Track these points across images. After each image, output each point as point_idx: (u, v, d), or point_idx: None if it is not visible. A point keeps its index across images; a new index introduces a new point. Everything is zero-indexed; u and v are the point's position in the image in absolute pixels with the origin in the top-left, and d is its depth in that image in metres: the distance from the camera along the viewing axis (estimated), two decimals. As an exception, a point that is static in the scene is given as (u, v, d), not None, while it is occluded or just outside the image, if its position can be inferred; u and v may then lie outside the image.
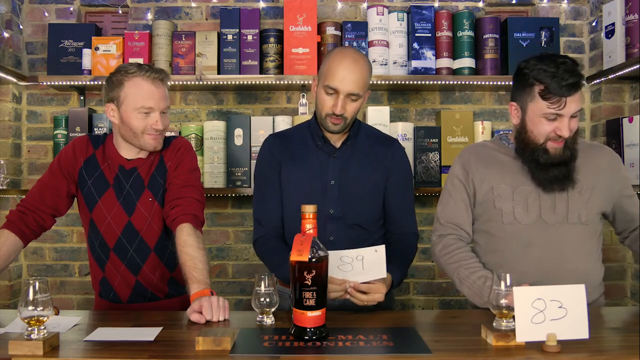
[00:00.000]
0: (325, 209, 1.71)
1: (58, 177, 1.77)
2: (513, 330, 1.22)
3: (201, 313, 1.44)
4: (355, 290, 1.50)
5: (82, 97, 2.78)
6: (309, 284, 1.25)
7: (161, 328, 1.37)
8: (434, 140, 2.64)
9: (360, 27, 2.65)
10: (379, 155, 1.79)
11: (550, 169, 1.62)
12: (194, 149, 1.87)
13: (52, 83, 2.61)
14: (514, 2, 2.86)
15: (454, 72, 2.65)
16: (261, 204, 1.79)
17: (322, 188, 1.73)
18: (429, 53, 2.63)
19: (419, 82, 2.62)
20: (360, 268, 1.49)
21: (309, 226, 1.29)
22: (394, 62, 2.62)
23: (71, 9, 2.81)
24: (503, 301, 1.27)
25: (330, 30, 2.62)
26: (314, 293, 1.26)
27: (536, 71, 1.57)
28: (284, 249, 1.69)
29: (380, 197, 1.79)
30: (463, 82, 2.63)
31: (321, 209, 1.68)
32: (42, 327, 1.20)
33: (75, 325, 1.42)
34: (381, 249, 1.50)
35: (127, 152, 1.78)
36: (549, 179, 1.63)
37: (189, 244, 1.62)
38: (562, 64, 1.56)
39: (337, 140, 1.77)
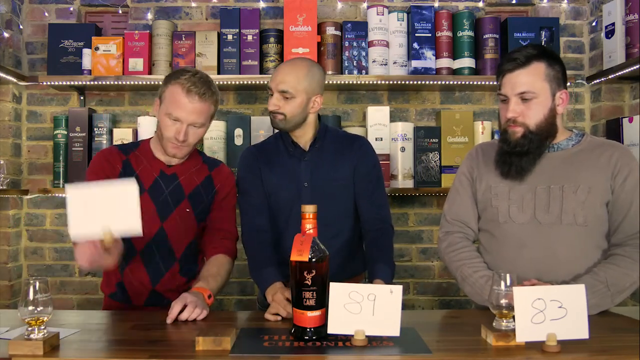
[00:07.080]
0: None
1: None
2: (513, 330, 1.22)
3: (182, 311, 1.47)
4: None
5: (82, 97, 2.78)
6: (309, 284, 1.25)
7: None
8: (434, 140, 2.64)
9: (360, 27, 2.64)
10: (345, 152, 1.86)
11: (505, 156, 1.62)
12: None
13: (52, 83, 2.61)
14: (514, 2, 2.86)
15: (454, 72, 2.64)
16: (248, 202, 1.88)
17: (297, 190, 1.82)
18: (429, 53, 2.63)
19: (419, 82, 2.62)
20: (371, 312, 1.26)
21: (309, 226, 1.29)
22: (394, 62, 2.62)
23: (71, 9, 2.81)
24: (503, 301, 1.27)
25: (330, 30, 2.62)
26: (314, 293, 1.26)
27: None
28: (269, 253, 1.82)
29: (350, 192, 1.86)
30: (463, 82, 2.63)
31: (298, 210, 1.74)
32: (42, 327, 1.20)
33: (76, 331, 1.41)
34: (397, 290, 1.27)
35: (165, 156, 1.79)
36: (502, 162, 1.64)
37: (221, 263, 1.77)
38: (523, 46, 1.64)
39: (305, 144, 1.86)
